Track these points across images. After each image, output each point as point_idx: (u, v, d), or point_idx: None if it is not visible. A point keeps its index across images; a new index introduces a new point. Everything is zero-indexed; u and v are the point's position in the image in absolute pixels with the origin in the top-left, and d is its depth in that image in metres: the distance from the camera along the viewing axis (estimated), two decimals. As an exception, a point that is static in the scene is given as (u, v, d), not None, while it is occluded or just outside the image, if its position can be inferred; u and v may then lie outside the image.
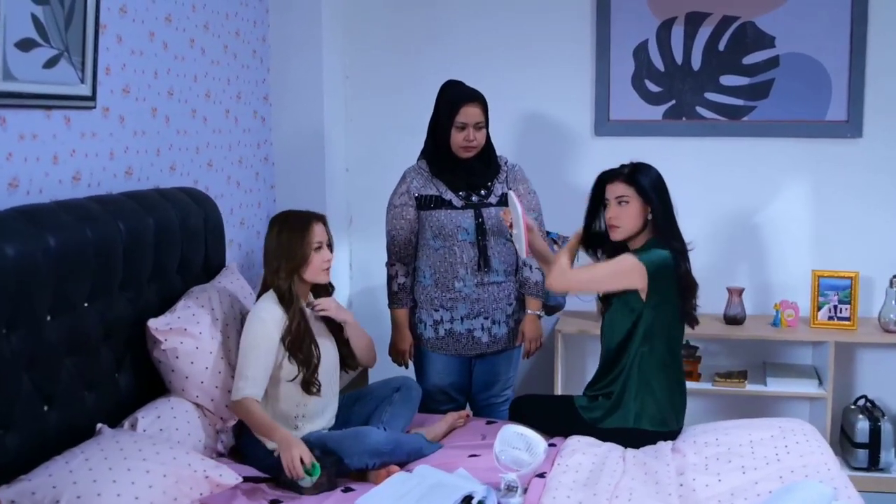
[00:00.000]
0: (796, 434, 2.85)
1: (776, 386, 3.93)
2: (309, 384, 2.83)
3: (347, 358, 3.05)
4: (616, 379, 2.96)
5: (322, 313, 2.89)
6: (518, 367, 3.59)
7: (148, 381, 2.83)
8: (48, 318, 2.38)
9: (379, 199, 3.86)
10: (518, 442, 2.60)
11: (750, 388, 3.94)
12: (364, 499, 2.53)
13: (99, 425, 2.52)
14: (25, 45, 2.53)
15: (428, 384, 3.51)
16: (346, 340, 3.03)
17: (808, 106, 4.09)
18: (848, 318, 3.93)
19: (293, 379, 2.82)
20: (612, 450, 2.75)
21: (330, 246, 2.95)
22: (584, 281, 3.06)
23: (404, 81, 4.39)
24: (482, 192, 3.40)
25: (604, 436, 2.91)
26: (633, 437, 2.89)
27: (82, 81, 2.80)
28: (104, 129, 2.93)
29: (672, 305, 2.92)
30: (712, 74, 4.15)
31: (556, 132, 4.29)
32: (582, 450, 2.71)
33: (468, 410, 3.28)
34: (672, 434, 2.92)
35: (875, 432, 3.86)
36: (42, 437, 2.34)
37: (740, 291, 4.05)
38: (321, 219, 2.94)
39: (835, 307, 3.95)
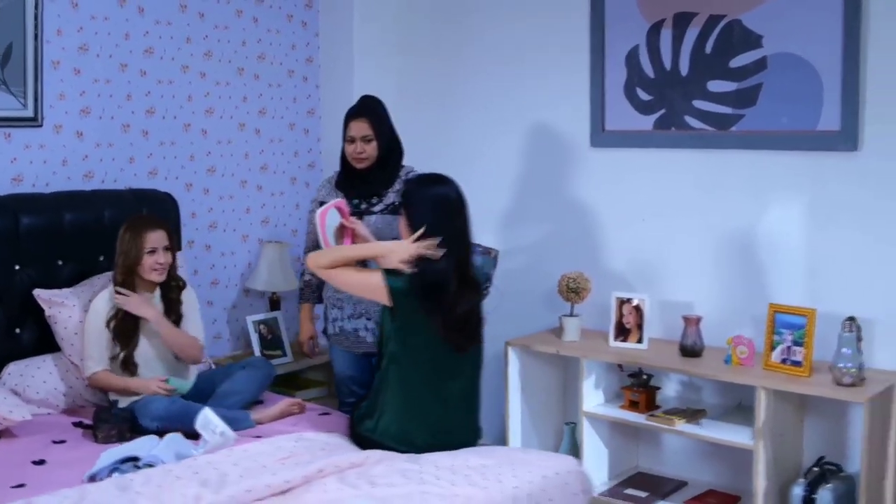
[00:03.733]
0: (508, 467, 2.73)
1: (709, 430, 3.49)
2: (126, 363, 3.39)
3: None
4: (374, 386, 3.05)
5: (117, 303, 3.37)
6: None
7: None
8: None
9: None
10: (214, 424, 2.93)
11: (680, 427, 3.55)
12: (108, 452, 3.05)
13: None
14: (-45, 82, 3.48)
15: (335, 374, 3.84)
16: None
17: (799, 114, 3.52)
18: (800, 363, 3.35)
19: (114, 357, 3.41)
20: (294, 443, 2.89)
21: (170, 250, 3.46)
22: (338, 279, 3.05)
23: (436, 94, 4.61)
24: (374, 200, 3.62)
25: (359, 440, 3.04)
26: (376, 447, 2.96)
27: (25, 106, 3.68)
28: (55, 142, 3.78)
29: (423, 329, 2.91)
30: (700, 80, 3.76)
31: (556, 143, 4.21)
32: (273, 441, 2.92)
33: (300, 400, 3.55)
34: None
35: (809, 501, 3.25)
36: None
37: (697, 320, 3.64)
38: (161, 226, 3.47)
39: (788, 348, 3.38)
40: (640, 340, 3.78)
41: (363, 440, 3.02)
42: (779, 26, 3.54)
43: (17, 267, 3.56)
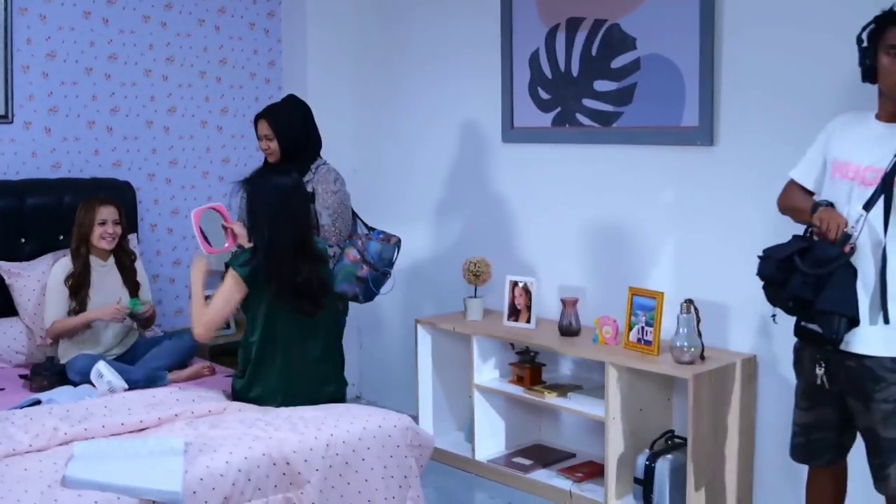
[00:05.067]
0: (335, 419, 3.10)
1: (574, 403, 3.80)
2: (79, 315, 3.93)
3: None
4: (240, 350, 3.50)
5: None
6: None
7: (22, 306, 4.21)
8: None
9: (381, 197, 4.83)
10: (105, 375, 3.44)
11: (549, 400, 3.87)
12: (29, 398, 3.58)
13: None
14: (-70, 86, 4.10)
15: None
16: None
17: (666, 111, 3.78)
18: (650, 342, 3.61)
19: (70, 310, 3.94)
20: (168, 394, 3.35)
21: (119, 224, 4.00)
22: (217, 318, 3.39)
23: (380, 92, 5.02)
24: (286, 189, 4.05)
25: (234, 397, 3.48)
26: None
27: (-5, 106, 4.28)
28: (25, 136, 4.36)
29: (265, 301, 3.33)
30: (588, 80, 4.05)
31: (475, 139, 4.56)
32: (150, 391, 3.38)
33: (211, 363, 4.02)
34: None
35: (649, 471, 3.52)
36: None
37: (574, 302, 3.95)
38: (112, 202, 4.01)
39: (642, 328, 3.65)
40: (528, 320, 4.10)
41: (236, 397, 3.46)
42: (649, 29, 3.80)
43: (-17, 243, 4.17)
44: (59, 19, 4.41)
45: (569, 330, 3.95)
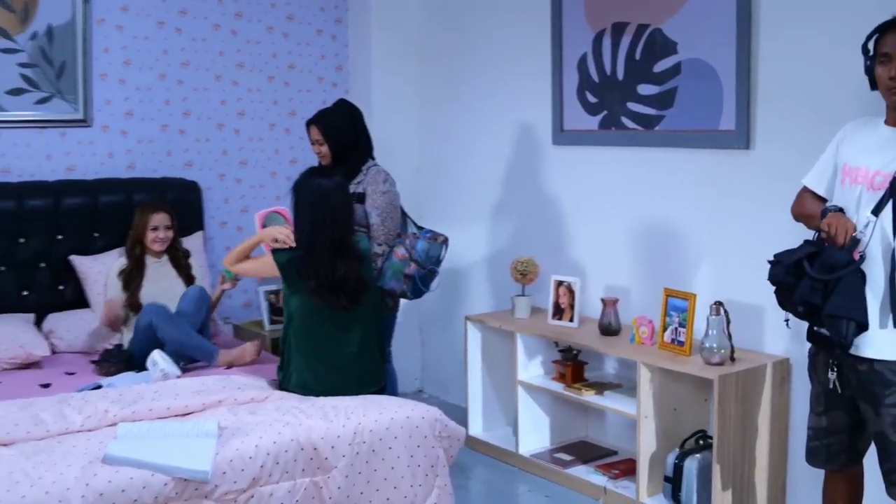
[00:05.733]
0: (364, 409, 3.25)
1: (609, 401, 3.87)
2: (133, 305, 4.22)
3: None
4: (281, 342, 3.70)
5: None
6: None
7: (95, 294, 4.53)
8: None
9: (440, 197, 4.99)
10: (159, 364, 3.69)
11: (587, 397, 3.94)
12: (94, 382, 3.86)
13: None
14: (16, 92, 4.44)
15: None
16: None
17: (705, 114, 3.80)
18: (683, 343, 3.65)
19: (124, 301, 4.23)
20: (215, 381, 3.55)
21: (171, 228, 4.31)
22: (244, 269, 3.82)
23: (440, 96, 5.17)
24: (339, 190, 4.24)
25: (278, 387, 3.68)
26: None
27: (76, 111, 4.60)
28: (103, 139, 4.68)
29: (303, 295, 3.52)
30: (632, 84, 4.10)
31: (529, 142, 4.65)
32: (199, 378, 3.60)
33: (258, 341, 4.23)
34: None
35: (678, 469, 3.56)
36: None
37: (614, 302, 4.01)
38: (164, 209, 4.33)
39: (676, 329, 3.69)
40: (572, 319, 4.18)
41: (280, 388, 3.66)
42: (689, 34, 3.83)
43: (59, 237, 4.48)
44: (135, 29, 4.71)
45: (609, 329, 4.01)
